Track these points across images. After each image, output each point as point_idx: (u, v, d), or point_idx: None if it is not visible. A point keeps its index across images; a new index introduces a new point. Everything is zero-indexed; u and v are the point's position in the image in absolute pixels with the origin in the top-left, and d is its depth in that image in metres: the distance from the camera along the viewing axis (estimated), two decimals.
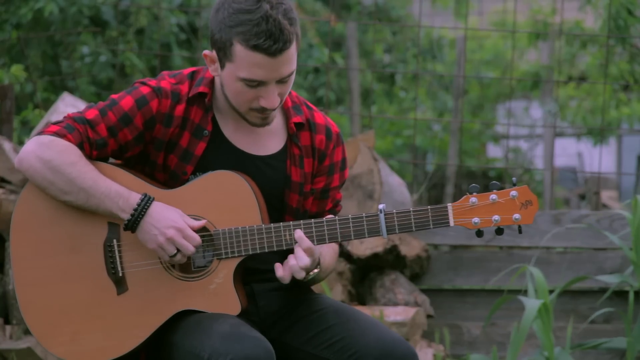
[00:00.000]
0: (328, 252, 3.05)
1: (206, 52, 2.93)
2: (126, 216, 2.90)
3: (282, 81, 2.89)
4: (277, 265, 2.91)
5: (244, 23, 2.81)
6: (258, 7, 2.81)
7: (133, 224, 2.90)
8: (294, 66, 2.89)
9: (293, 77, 2.93)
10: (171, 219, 2.89)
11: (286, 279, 2.90)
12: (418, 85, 10.06)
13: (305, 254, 2.88)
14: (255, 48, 2.81)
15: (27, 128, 6.27)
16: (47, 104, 6.85)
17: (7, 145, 4.87)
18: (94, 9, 7.44)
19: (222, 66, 2.89)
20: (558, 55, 8.26)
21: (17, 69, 5.91)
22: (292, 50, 2.85)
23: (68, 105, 5.18)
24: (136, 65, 7.33)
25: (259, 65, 2.83)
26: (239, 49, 2.83)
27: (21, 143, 5.81)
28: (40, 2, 6.74)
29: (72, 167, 2.91)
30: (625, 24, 6.71)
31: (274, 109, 2.91)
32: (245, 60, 2.83)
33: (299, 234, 2.89)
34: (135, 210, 2.89)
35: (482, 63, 11.47)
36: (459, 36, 8.79)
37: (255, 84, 2.87)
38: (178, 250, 2.89)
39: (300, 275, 2.88)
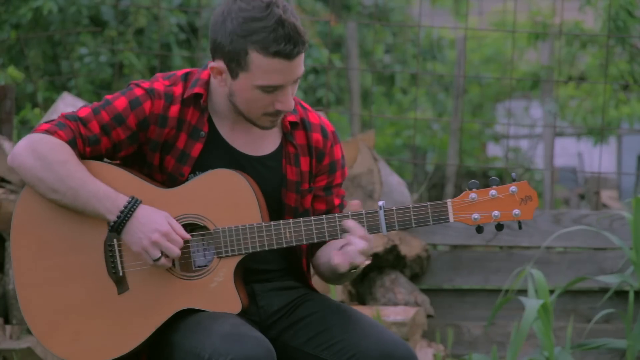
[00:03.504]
0: None
1: (212, 64, 2.90)
2: (113, 218, 2.90)
3: (295, 81, 2.89)
4: (335, 253, 2.89)
5: (259, 31, 2.80)
6: (269, 12, 2.80)
7: (119, 226, 2.90)
8: (303, 66, 2.90)
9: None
10: (157, 222, 2.89)
11: (344, 266, 2.87)
12: (418, 85, 10.06)
13: (360, 239, 2.86)
14: (276, 54, 2.80)
15: (26, 128, 6.27)
16: (47, 104, 6.85)
17: (7, 145, 4.87)
18: (94, 8, 7.44)
19: (235, 76, 2.88)
20: (558, 56, 8.26)
21: (12, 71, 5.91)
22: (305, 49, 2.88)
23: (68, 105, 5.18)
24: (135, 65, 7.33)
25: (278, 70, 2.83)
26: (256, 57, 2.82)
27: None
28: (39, 0, 6.74)
29: (62, 166, 2.91)
30: (625, 24, 6.71)
31: (290, 111, 2.92)
32: (263, 68, 2.83)
33: (350, 223, 2.87)
34: (122, 212, 2.89)
35: (482, 62, 11.47)
36: (459, 36, 8.80)
37: (272, 89, 2.86)
38: (162, 253, 2.89)
39: (360, 259, 2.84)
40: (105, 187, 2.91)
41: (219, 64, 2.89)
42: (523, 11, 9.79)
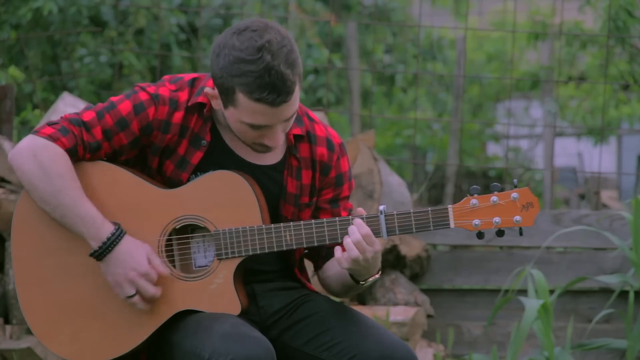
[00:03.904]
0: None
1: (208, 90, 2.90)
2: (95, 246, 2.90)
3: (285, 120, 2.88)
4: (337, 247, 2.89)
5: (246, 74, 2.77)
6: (259, 57, 2.77)
7: (99, 256, 2.89)
8: (296, 106, 2.87)
9: (296, 112, 2.90)
10: (136, 260, 2.89)
11: (345, 261, 2.86)
12: (418, 85, 10.06)
13: (357, 231, 2.85)
14: (259, 100, 2.79)
15: (26, 128, 6.27)
16: (46, 104, 6.85)
17: (7, 145, 4.87)
18: (94, 9, 7.44)
19: (225, 107, 2.88)
20: (558, 56, 8.27)
21: (13, 71, 5.91)
22: (295, 94, 2.83)
23: (68, 105, 5.18)
24: (134, 65, 7.33)
25: (263, 113, 2.82)
26: (241, 98, 2.81)
27: None
28: (39, 1, 6.74)
29: (59, 180, 2.90)
30: (625, 24, 6.71)
31: (276, 147, 2.91)
32: (248, 109, 2.81)
33: (357, 220, 2.87)
34: (104, 244, 2.88)
35: (482, 62, 11.47)
36: (459, 36, 8.79)
37: (258, 127, 2.86)
38: (137, 292, 2.89)
39: (355, 252, 2.84)
40: (93, 211, 2.89)
41: (214, 91, 2.89)
42: (523, 11, 9.80)
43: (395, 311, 5.10)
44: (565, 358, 4.84)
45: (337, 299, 3.16)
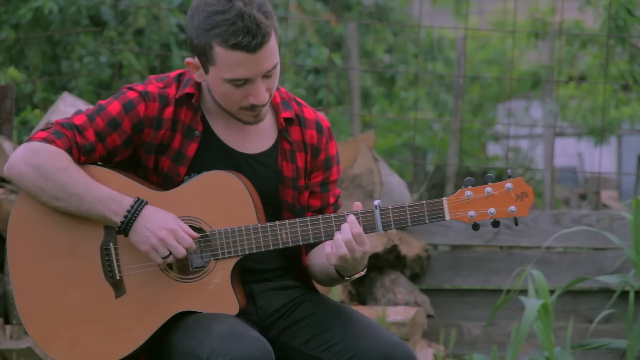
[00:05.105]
0: None
1: (188, 59, 2.93)
2: (119, 219, 2.89)
3: (267, 75, 2.89)
4: (327, 242, 2.89)
5: (219, 24, 2.81)
6: (231, 6, 2.82)
7: (126, 226, 2.89)
8: (276, 59, 2.89)
9: (278, 70, 2.92)
10: (164, 220, 2.89)
11: (333, 257, 2.87)
12: (418, 85, 10.06)
13: (348, 229, 2.85)
14: (235, 47, 2.81)
15: (26, 128, 6.27)
16: (46, 104, 6.85)
17: (7, 145, 4.87)
18: (94, 9, 7.44)
19: (206, 71, 2.90)
20: (558, 55, 8.26)
21: (12, 71, 5.91)
22: (272, 43, 2.85)
23: (68, 105, 5.18)
24: (134, 65, 7.33)
25: (241, 63, 2.83)
26: (219, 51, 2.83)
27: (21, 143, 5.80)
28: (38, 0, 6.74)
29: (63, 173, 2.90)
30: (625, 24, 6.71)
31: (264, 105, 2.91)
32: (227, 61, 2.84)
33: (350, 217, 2.87)
34: (129, 212, 2.89)
35: (482, 63, 11.47)
36: (459, 36, 8.79)
37: (241, 82, 2.87)
38: (170, 252, 2.89)
39: (343, 250, 2.84)
40: (109, 190, 2.91)
41: (194, 59, 2.91)
42: (523, 11, 9.80)
43: (395, 311, 5.10)
44: (565, 358, 4.84)
45: (324, 288, 3.16)
